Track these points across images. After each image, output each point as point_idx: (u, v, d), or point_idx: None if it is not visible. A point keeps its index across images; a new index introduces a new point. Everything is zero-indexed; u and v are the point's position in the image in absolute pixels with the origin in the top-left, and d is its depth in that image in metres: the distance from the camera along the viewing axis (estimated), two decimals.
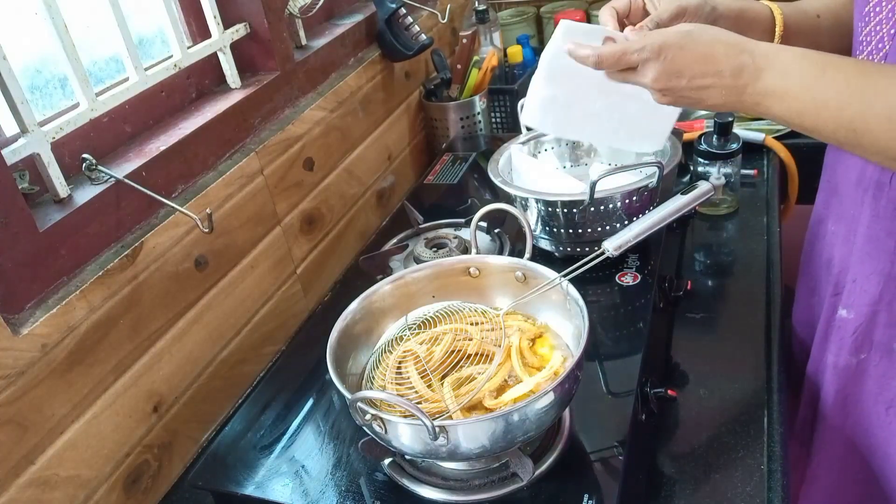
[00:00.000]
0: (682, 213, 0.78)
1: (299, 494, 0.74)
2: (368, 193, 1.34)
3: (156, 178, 0.88)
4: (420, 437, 0.63)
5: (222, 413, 0.98)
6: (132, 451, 0.84)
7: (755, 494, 0.72)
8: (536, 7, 1.87)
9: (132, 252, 0.82)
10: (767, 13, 0.85)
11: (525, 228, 0.81)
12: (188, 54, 0.98)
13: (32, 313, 0.73)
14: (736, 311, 0.98)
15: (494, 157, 1.08)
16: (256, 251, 1.03)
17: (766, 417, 0.81)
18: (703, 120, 1.45)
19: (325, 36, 1.25)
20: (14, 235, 0.71)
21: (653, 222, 0.77)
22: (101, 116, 0.87)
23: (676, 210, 0.78)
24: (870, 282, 0.80)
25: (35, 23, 0.78)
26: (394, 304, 0.83)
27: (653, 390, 0.80)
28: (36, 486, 0.72)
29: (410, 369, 0.72)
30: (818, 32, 0.85)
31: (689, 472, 0.76)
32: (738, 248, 1.10)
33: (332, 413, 0.85)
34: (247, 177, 1.01)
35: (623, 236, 0.76)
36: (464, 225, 1.14)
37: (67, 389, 0.75)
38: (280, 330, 1.09)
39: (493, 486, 0.70)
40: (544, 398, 0.63)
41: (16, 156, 0.75)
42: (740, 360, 0.89)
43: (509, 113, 1.55)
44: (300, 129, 1.12)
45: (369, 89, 1.33)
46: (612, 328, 0.90)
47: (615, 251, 0.75)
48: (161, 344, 0.87)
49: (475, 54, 1.50)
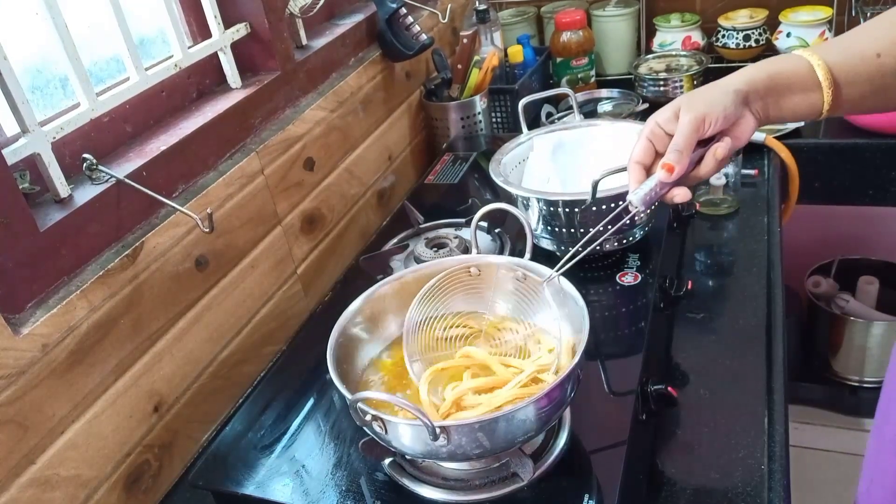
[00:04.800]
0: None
1: (300, 494, 0.74)
2: (369, 193, 1.34)
3: (156, 178, 0.88)
4: (420, 437, 0.63)
5: (223, 413, 0.98)
6: (133, 450, 0.84)
7: (755, 494, 0.72)
8: (537, 7, 1.87)
9: (133, 252, 0.83)
10: (805, 68, 0.70)
11: (525, 228, 0.81)
12: (189, 54, 0.98)
13: (33, 313, 0.73)
14: (736, 311, 0.98)
15: (496, 156, 1.08)
16: (257, 251, 1.03)
17: (766, 417, 0.81)
18: None
19: (326, 36, 1.25)
20: (14, 235, 0.71)
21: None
22: (102, 116, 0.87)
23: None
24: None
25: (36, 23, 0.78)
26: (394, 304, 0.83)
27: (653, 387, 0.80)
28: (36, 485, 0.72)
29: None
30: (882, 74, 0.69)
31: (689, 472, 0.76)
32: (738, 248, 1.10)
33: (333, 413, 0.85)
34: (247, 177, 1.01)
35: (646, 186, 0.70)
36: (464, 225, 1.14)
37: (68, 389, 0.75)
38: (280, 330, 1.09)
39: (494, 486, 0.70)
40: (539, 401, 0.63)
41: (16, 156, 0.75)
42: (740, 360, 0.89)
43: (510, 113, 1.55)
44: (301, 128, 1.12)
45: (370, 89, 1.33)
46: (612, 328, 0.90)
47: (642, 205, 0.69)
48: (161, 344, 0.87)
49: (476, 54, 1.50)
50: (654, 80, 1.58)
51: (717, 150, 0.69)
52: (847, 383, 1.82)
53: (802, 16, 1.60)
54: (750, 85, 0.70)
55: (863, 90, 0.70)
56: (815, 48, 0.72)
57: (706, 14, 1.73)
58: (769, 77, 0.70)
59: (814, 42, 1.57)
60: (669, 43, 1.72)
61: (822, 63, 0.69)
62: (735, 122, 0.70)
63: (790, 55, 0.72)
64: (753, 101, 0.70)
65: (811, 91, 0.70)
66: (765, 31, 1.64)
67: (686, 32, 1.71)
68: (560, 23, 1.66)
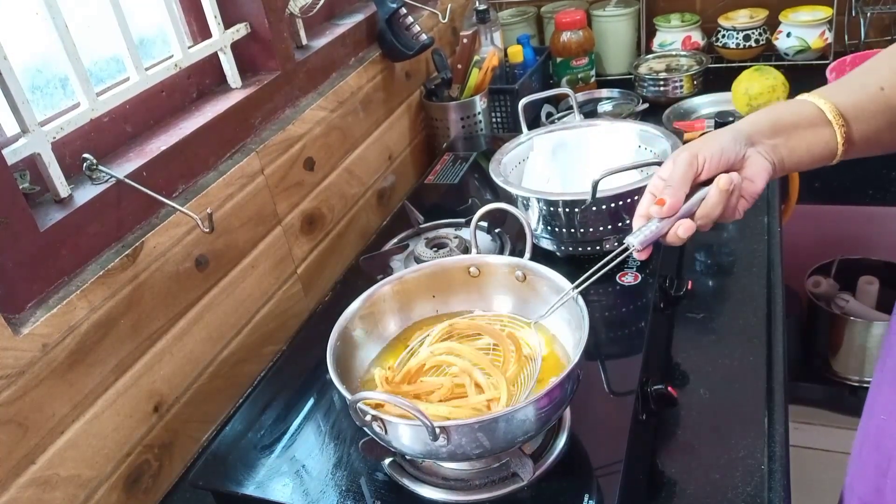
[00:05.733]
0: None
1: (300, 494, 0.74)
2: (369, 193, 1.34)
3: (156, 178, 0.88)
4: (420, 437, 0.63)
5: (223, 413, 0.98)
6: (133, 450, 0.84)
7: (755, 494, 0.72)
8: (537, 7, 1.87)
9: (133, 252, 0.83)
10: (810, 107, 0.69)
11: (525, 228, 0.81)
12: (189, 54, 0.98)
13: (33, 313, 0.73)
14: (736, 311, 0.98)
15: (496, 156, 1.08)
16: (257, 251, 1.04)
17: (766, 417, 0.81)
18: (704, 120, 1.46)
19: (326, 36, 1.25)
20: (15, 235, 0.71)
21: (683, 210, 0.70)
22: (102, 116, 0.87)
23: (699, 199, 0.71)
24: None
25: (36, 22, 0.78)
26: (394, 304, 0.83)
27: (653, 387, 0.80)
28: (36, 485, 0.72)
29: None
30: (890, 108, 0.68)
31: (689, 472, 0.76)
32: (738, 248, 1.10)
33: (333, 413, 0.85)
34: (247, 177, 1.01)
35: (646, 229, 0.69)
36: (464, 225, 1.14)
37: (68, 389, 0.75)
38: (280, 330, 1.09)
39: (494, 486, 0.70)
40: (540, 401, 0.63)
41: (16, 156, 0.75)
42: (740, 360, 0.89)
43: (510, 113, 1.55)
44: (301, 128, 1.12)
45: (370, 89, 1.33)
46: (612, 328, 0.90)
47: (640, 245, 0.69)
48: (162, 344, 0.87)
49: (476, 54, 1.50)
50: (654, 80, 1.58)
51: (720, 180, 0.67)
52: (847, 383, 1.82)
53: (802, 16, 1.60)
54: (752, 125, 0.70)
55: (877, 125, 0.69)
56: (816, 91, 0.71)
57: (706, 14, 1.73)
58: (772, 117, 0.70)
59: (814, 42, 1.57)
60: (669, 43, 1.72)
61: (826, 100, 0.69)
62: (741, 162, 0.69)
63: (793, 100, 0.72)
64: (759, 141, 0.69)
65: (820, 126, 0.69)
66: (765, 31, 1.64)
67: (686, 32, 1.71)
68: (560, 23, 1.66)
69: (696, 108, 1.53)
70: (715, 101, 1.52)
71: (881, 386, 0.81)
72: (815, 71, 1.51)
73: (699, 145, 0.69)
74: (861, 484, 0.85)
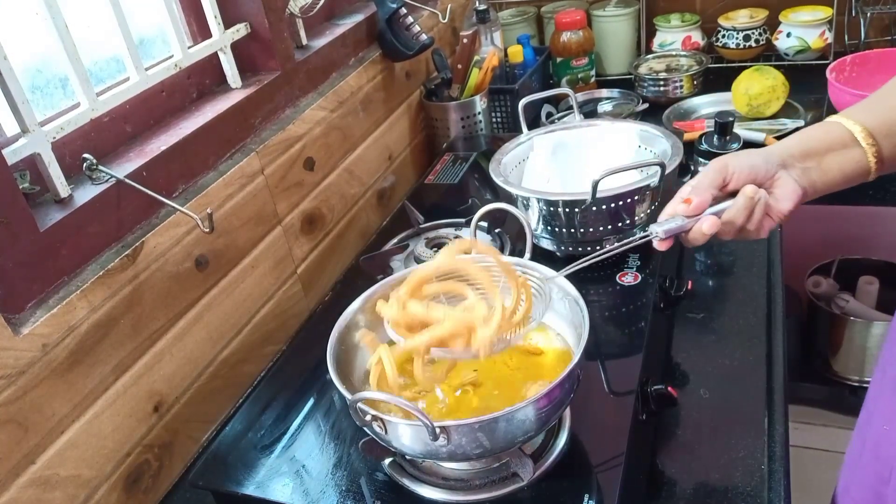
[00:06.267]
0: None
1: (300, 494, 0.74)
2: (369, 193, 1.34)
3: (156, 178, 0.88)
4: (420, 437, 0.63)
5: (223, 413, 0.98)
6: (133, 450, 0.84)
7: (755, 494, 0.72)
8: (537, 7, 1.87)
9: (133, 252, 0.83)
10: (838, 128, 0.71)
11: (525, 228, 0.81)
12: (189, 54, 0.98)
13: (33, 313, 0.73)
14: (736, 311, 0.98)
15: (496, 156, 1.08)
16: (257, 251, 1.04)
17: (766, 417, 0.81)
18: (704, 120, 1.46)
19: (326, 36, 1.25)
20: (15, 235, 0.71)
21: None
22: (102, 116, 0.87)
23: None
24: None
25: (36, 22, 0.78)
26: None
27: (653, 387, 0.80)
28: (36, 485, 0.72)
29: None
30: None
31: (689, 472, 0.76)
32: (738, 248, 1.10)
33: (333, 413, 0.85)
34: (247, 177, 1.01)
35: (672, 221, 0.71)
36: (464, 225, 1.14)
37: (68, 389, 0.75)
38: (280, 330, 1.09)
39: (494, 486, 0.70)
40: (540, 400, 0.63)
41: (16, 156, 0.75)
42: (740, 360, 0.89)
43: (510, 113, 1.55)
44: (301, 128, 1.12)
45: (370, 89, 1.33)
46: (612, 328, 0.90)
47: (664, 234, 0.71)
48: (161, 344, 0.87)
49: (476, 54, 1.50)
50: (654, 80, 1.58)
51: (746, 188, 0.69)
52: (847, 383, 1.82)
53: (802, 16, 1.60)
54: (784, 149, 0.71)
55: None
56: (843, 112, 0.72)
57: (706, 14, 1.73)
58: (802, 141, 0.72)
59: (814, 42, 1.57)
60: (669, 43, 1.72)
61: (853, 121, 0.70)
62: (771, 181, 0.71)
63: (822, 122, 0.73)
64: (790, 164, 0.71)
65: (850, 147, 0.70)
66: (765, 31, 1.64)
67: (686, 32, 1.71)
68: (560, 23, 1.66)
69: (696, 108, 1.53)
70: (715, 101, 1.52)
71: (881, 393, 0.80)
72: (815, 71, 1.51)
73: (730, 157, 0.71)
74: (859, 490, 0.85)
